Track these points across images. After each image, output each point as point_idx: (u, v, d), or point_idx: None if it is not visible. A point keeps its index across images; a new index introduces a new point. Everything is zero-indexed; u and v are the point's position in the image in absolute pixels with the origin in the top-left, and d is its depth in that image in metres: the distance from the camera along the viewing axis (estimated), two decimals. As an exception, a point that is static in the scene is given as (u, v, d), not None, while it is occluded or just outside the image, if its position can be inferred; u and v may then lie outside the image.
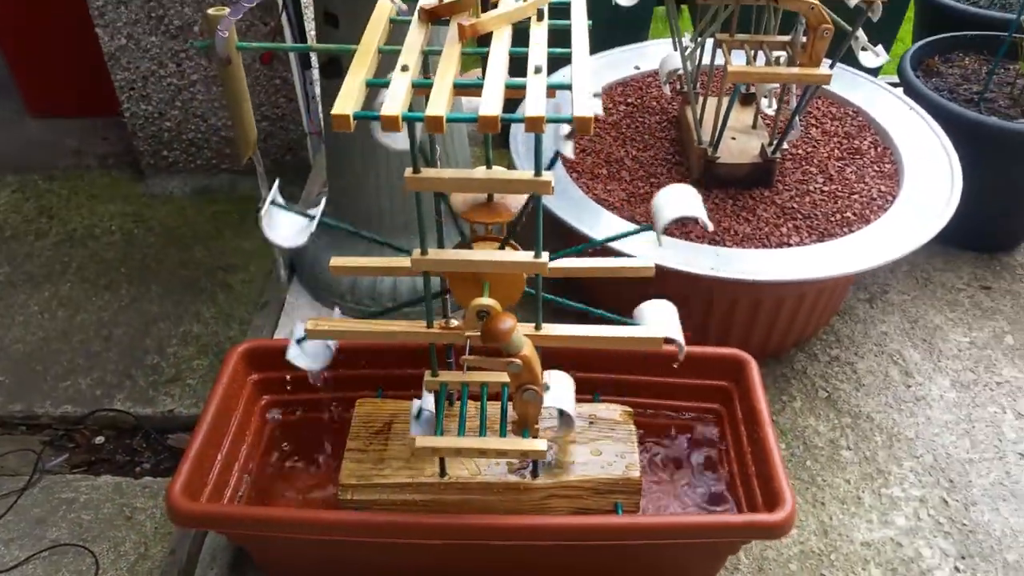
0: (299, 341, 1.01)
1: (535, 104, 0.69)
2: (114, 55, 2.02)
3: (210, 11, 0.73)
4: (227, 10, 0.72)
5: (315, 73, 2.14)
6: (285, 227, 0.86)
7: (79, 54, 2.29)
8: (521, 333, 0.84)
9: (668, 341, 0.93)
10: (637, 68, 1.78)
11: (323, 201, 0.92)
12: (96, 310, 1.87)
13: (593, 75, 0.73)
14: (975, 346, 1.62)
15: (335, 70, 1.39)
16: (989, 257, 1.83)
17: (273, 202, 0.86)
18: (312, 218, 0.86)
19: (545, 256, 0.85)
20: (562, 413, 0.94)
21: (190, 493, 1.02)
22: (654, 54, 1.78)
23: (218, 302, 1.87)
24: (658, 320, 0.93)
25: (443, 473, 1.08)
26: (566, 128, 0.82)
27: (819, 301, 1.48)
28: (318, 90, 2.17)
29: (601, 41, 1.83)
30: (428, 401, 0.98)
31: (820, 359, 1.59)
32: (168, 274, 1.95)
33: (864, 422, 1.47)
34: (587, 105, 0.68)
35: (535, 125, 0.68)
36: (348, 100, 0.69)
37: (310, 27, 2.10)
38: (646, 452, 1.22)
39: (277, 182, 0.89)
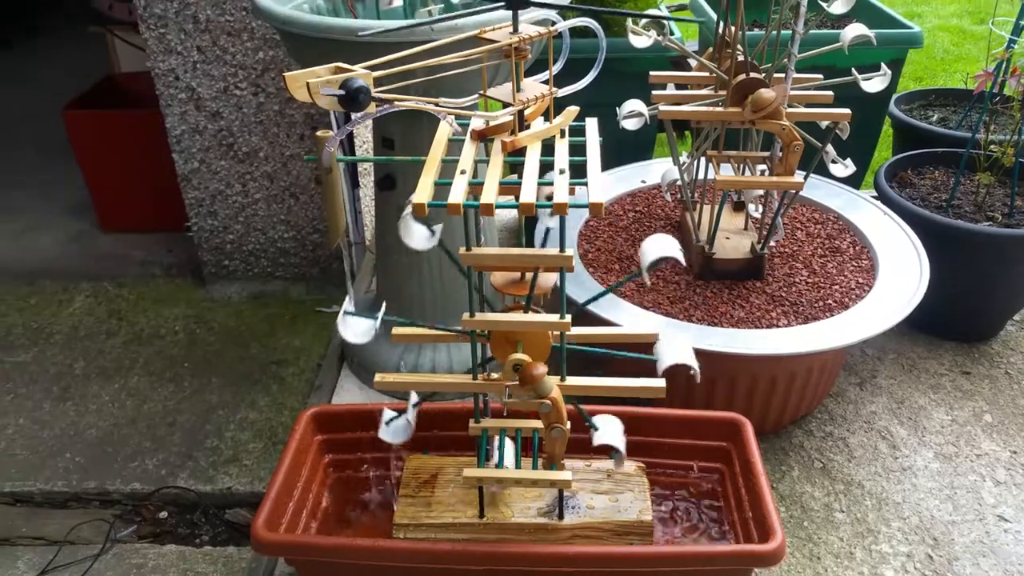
0: (387, 423, 1.21)
1: (560, 194, 0.93)
2: (187, 176, 2.31)
3: (319, 133, 0.98)
4: (331, 132, 0.97)
5: (361, 192, 2.42)
6: (355, 328, 1.08)
7: (151, 178, 2.59)
8: (549, 380, 1.05)
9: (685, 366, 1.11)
10: (644, 182, 2.04)
11: (383, 307, 1.13)
12: (161, 400, 2.06)
13: (605, 187, 0.96)
14: (956, 423, 1.80)
15: (389, 184, 1.65)
16: (968, 346, 2.03)
17: (346, 312, 1.09)
18: (376, 318, 1.09)
19: (568, 317, 1.06)
20: (613, 449, 1.13)
21: (269, 528, 1.21)
22: (657, 170, 2.04)
23: (272, 392, 2.07)
24: (674, 354, 1.11)
25: (482, 515, 1.26)
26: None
27: (810, 380, 1.67)
28: (363, 206, 2.45)
29: (612, 160, 2.10)
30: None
31: (815, 435, 1.77)
32: (227, 368, 2.15)
33: (856, 489, 1.64)
34: (598, 195, 0.92)
35: (560, 209, 0.92)
36: (423, 193, 0.93)
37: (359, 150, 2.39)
38: (658, 504, 1.39)
39: (349, 296, 1.12)
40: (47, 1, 4.81)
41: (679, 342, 1.11)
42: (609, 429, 1.13)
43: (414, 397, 1.21)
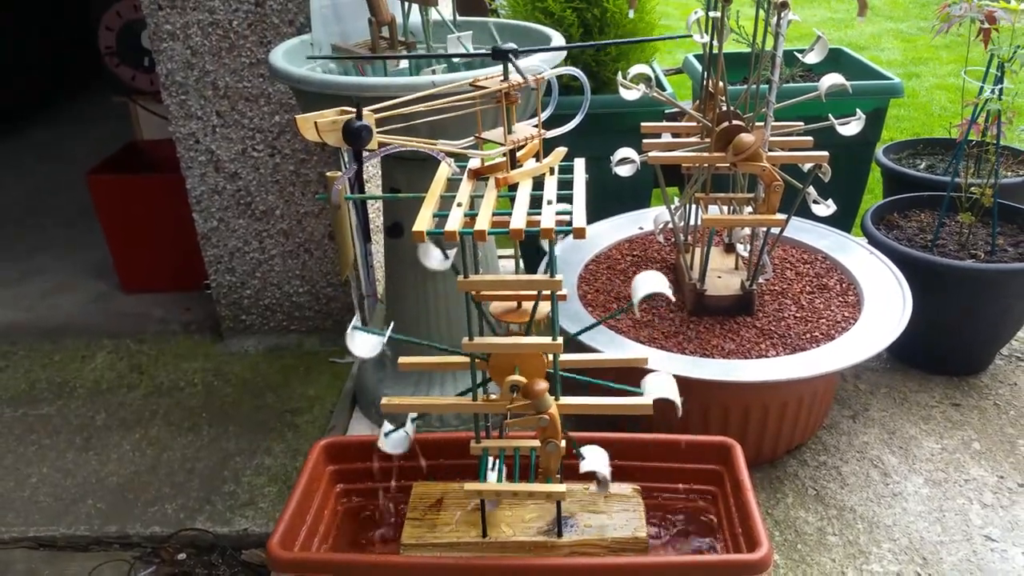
0: (386, 435, 1.29)
1: (548, 220, 1.03)
2: (206, 235, 2.42)
3: (328, 173, 1.08)
4: (340, 173, 1.08)
5: (372, 246, 2.53)
6: (363, 344, 1.17)
7: (170, 241, 2.71)
8: (548, 396, 1.13)
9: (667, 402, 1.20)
10: (641, 228, 2.14)
11: (391, 324, 1.23)
12: (181, 448, 2.13)
13: (603, 233, 1.04)
14: (946, 451, 1.85)
15: (398, 231, 1.75)
16: (959, 380, 2.09)
17: (355, 327, 1.18)
18: (383, 334, 1.17)
19: (560, 340, 1.15)
20: (597, 476, 1.19)
21: (284, 548, 1.28)
22: (653, 218, 2.15)
23: (286, 439, 2.14)
24: (659, 389, 1.20)
25: (485, 534, 1.33)
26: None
27: (801, 409, 1.74)
28: (374, 260, 2.55)
29: (610, 209, 2.22)
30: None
31: (809, 464, 1.83)
32: (243, 417, 2.23)
33: (848, 513, 1.69)
34: (581, 221, 1.02)
35: (547, 233, 1.01)
36: (423, 222, 1.03)
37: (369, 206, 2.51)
38: (653, 524, 1.45)
39: (357, 315, 1.22)
40: (72, 72, 5.05)
41: (665, 379, 1.20)
42: (594, 457, 1.20)
43: (414, 413, 1.29)
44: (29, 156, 4.32)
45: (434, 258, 1.06)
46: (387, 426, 1.30)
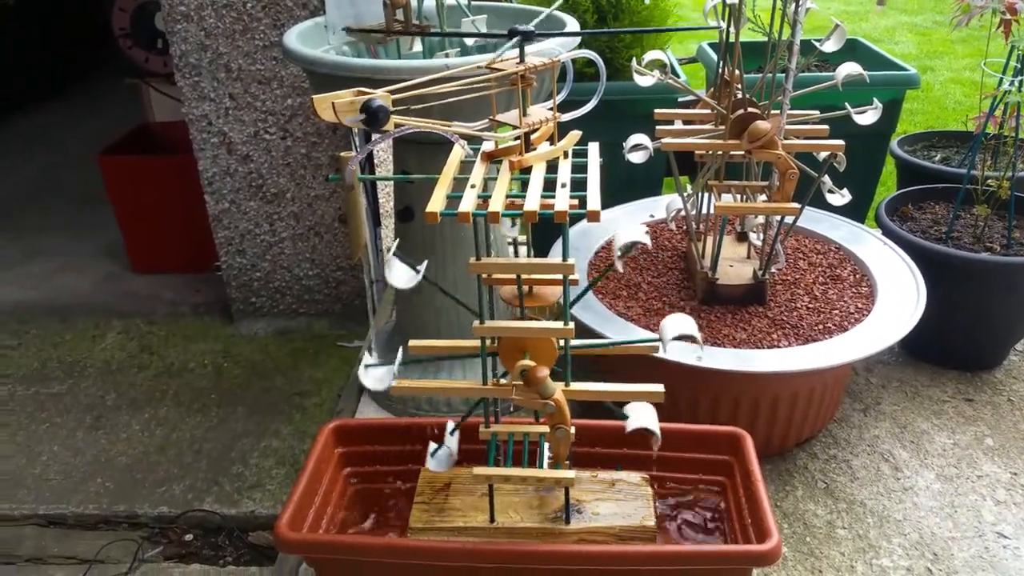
0: (432, 454, 1.28)
1: (561, 203, 1.02)
2: (218, 217, 2.42)
3: (342, 154, 1.08)
4: (353, 153, 1.07)
5: (382, 231, 2.53)
6: (378, 377, 1.21)
7: (181, 222, 2.72)
8: (551, 382, 1.13)
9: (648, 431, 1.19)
10: (652, 216, 2.13)
11: (400, 353, 1.23)
12: (189, 429, 2.15)
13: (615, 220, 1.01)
14: (958, 447, 1.84)
15: (408, 215, 1.74)
16: (972, 375, 2.07)
17: (367, 365, 1.20)
18: (392, 364, 1.21)
19: (571, 325, 1.14)
20: (649, 431, 1.17)
21: (292, 529, 1.28)
22: (665, 205, 2.14)
23: (294, 421, 2.15)
24: (640, 417, 1.18)
25: (492, 519, 1.32)
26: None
27: (812, 401, 1.73)
28: (383, 245, 2.55)
29: (622, 196, 2.20)
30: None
31: (819, 457, 1.82)
32: (252, 399, 2.24)
33: (858, 507, 1.68)
34: (595, 204, 1.01)
35: (561, 216, 1.00)
36: (436, 204, 1.02)
37: (380, 191, 2.50)
38: (663, 515, 1.44)
39: (370, 350, 1.23)
40: (85, 55, 5.05)
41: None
42: (640, 414, 1.19)
43: (450, 425, 1.29)
44: (39, 139, 4.34)
45: (401, 275, 1.06)
46: (432, 446, 1.30)
